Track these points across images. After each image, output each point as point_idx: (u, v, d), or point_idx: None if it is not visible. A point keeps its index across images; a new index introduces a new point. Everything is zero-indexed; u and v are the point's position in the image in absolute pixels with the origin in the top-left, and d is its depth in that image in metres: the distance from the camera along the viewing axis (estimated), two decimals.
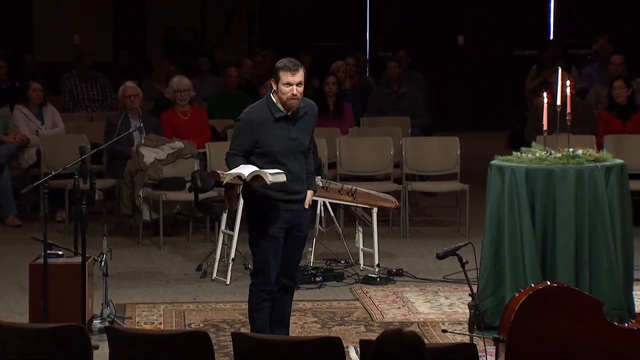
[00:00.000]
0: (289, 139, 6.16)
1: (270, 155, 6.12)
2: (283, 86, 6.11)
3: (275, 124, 6.14)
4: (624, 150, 9.19)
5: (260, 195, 6.12)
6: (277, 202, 6.14)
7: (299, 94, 6.12)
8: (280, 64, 6.15)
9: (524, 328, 5.34)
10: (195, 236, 9.58)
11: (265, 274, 6.17)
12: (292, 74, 6.10)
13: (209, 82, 12.63)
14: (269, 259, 6.16)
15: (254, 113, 6.18)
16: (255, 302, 6.24)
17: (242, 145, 6.15)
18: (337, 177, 9.75)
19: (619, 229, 6.66)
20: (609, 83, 10.83)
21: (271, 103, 6.17)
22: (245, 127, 6.15)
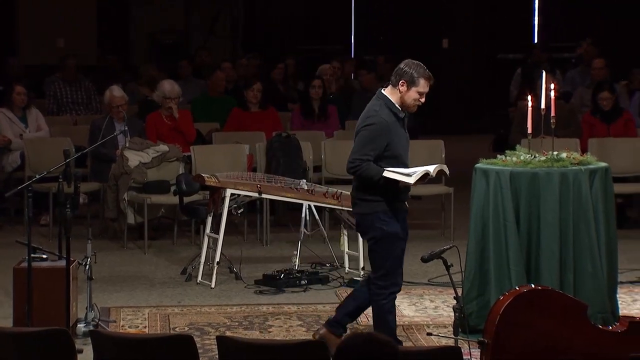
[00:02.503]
0: (406, 139, 6.26)
1: (398, 157, 6.15)
2: (416, 93, 6.16)
3: (398, 125, 6.19)
4: (608, 153, 9.23)
5: (393, 198, 6.13)
6: (401, 204, 6.20)
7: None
8: (420, 72, 6.15)
9: (508, 331, 5.35)
10: (180, 239, 9.57)
11: (395, 275, 6.19)
12: (428, 83, 6.18)
13: (193, 84, 12.61)
14: (399, 259, 6.19)
15: (384, 116, 6.14)
16: (388, 306, 6.24)
17: (375, 150, 6.11)
18: (322, 180, 9.75)
19: (603, 232, 6.68)
20: (592, 86, 10.87)
21: (391, 104, 6.18)
22: (380, 132, 6.10)
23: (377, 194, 6.13)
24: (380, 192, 6.12)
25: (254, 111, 10.54)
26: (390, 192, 6.11)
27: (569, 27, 15.77)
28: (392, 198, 6.14)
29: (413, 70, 6.16)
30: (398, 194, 6.15)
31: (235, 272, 8.27)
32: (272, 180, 8.34)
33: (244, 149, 9.73)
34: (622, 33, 15.43)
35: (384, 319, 6.26)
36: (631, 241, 9.23)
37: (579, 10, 15.93)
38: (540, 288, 5.77)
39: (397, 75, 6.19)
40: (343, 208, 8.32)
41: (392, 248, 6.17)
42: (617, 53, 13.88)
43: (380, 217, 6.15)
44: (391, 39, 15.57)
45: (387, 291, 6.22)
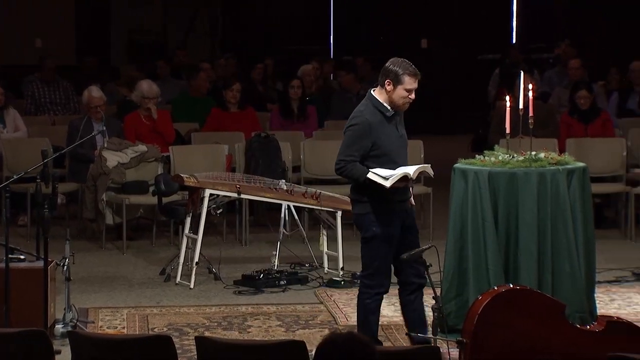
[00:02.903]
0: (398, 137, 6.19)
1: (386, 156, 6.10)
2: (404, 91, 6.13)
3: (386, 124, 6.14)
4: (586, 153, 9.26)
5: (383, 199, 6.09)
6: (397, 204, 6.15)
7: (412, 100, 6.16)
8: (404, 69, 6.13)
9: (487, 331, 5.37)
10: (159, 240, 9.55)
11: (381, 276, 6.16)
12: (414, 79, 6.15)
13: (172, 84, 12.59)
14: (386, 261, 6.15)
15: (368, 116, 6.13)
16: (372, 306, 6.22)
17: (359, 150, 6.09)
18: (301, 180, 9.75)
19: (580, 231, 6.70)
20: (569, 87, 10.91)
21: (378, 103, 6.16)
22: (363, 132, 6.09)
23: (369, 194, 6.12)
24: (372, 193, 6.10)
25: (232, 111, 10.53)
26: (381, 193, 6.08)
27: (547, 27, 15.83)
28: (384, 199, 6.10)
29: (398, 68, 6.15)
30: (391, 194, 6.09)
31: (214, 273, 8.26)
32: (251, 180, 8.34)
33: (223, 149, 9.72)
34: (599, 34, 15.50)
35: (366, 319, 6.26)
36: (608, 241, 9.28)
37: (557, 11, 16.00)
38: (519, 288, 5.79)
39: (383, 74, 6.19)
40: (322, 208, 8.33)
41: (380, 249, 6.14)
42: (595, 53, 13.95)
43: (371, 218, 6.14)
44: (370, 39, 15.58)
45: (372, 291, 6.21)
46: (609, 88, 11.98)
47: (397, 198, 6.15)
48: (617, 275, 8.20)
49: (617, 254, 8.91)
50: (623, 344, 5.26)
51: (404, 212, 6.23)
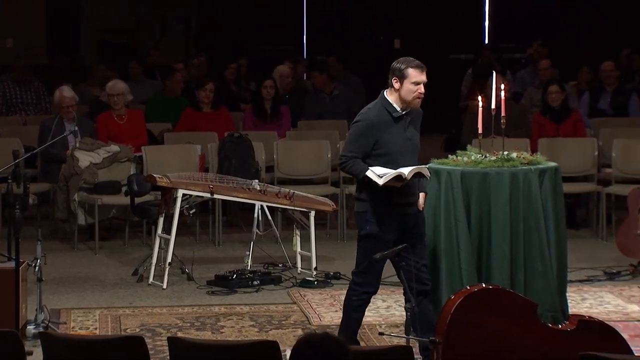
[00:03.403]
0: (406, 139, 6.13)
1: (389, 156, 6.05)
2: (411, 85, 6.08)
3: (393, 124, 6.09)
4: (558, 153, 9.31)
5: (381, 199, 6.06)
6: (396, 207, 6.10)
7: (423, 94, 6.10)
8: (408, 63, 6.10)
9: (459, 330, 5.38)
10: (132, 240, 9.52)
11: (372, 275, 6.10)
12: (420, 72, 6.09)
13: (146, 85, 12.54)
14: (380, 261, 6.08)
15: (373, 114, 6.10)
16: (357, 303, 6.17)
17: (361, 148, 6.07)
18: (274, 180, 9.74)
19: (552, 231, 6.74)
20: (541, 87, 10.96)
21: (387, 103, 6.12)
22: (365, 129, 6.07)
23: (368, 193, 6.10)
24: (371, 192, 6.08)
25: (206, 111, 10.51)
26: (380, 193, 6.04)
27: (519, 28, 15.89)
28: (382, 199, 6.07)
29: (401, 64, 6.13)
30: (391, 195, 6.05)
31: (187, 273, 8.24)
32: (224, 180, 8.33)
33: (195, 149, 9.70)
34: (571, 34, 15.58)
35: (349, 316, 6.24)
36: (580, 240, 9.34)
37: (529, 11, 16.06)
38: (491, 287, 5.81)
39: (390, 75, 6.17)
40: (295, 208, 8.33)
41: (372, 248, 6.08)
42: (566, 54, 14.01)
43: (367, 217, 6.12)
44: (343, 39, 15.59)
45: (360, 289, 6.17)
46: (580, 88, 12.05)
47: (396, 200, 6.09)
48: (588, 275, 8.25)
49: (588, 253, 8.96)
50: (594, 343, 5.28)
51: (405, 215, 6.14)
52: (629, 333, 6.68)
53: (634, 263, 8.32)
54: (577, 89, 12.05)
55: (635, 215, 8.23)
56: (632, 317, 7.19)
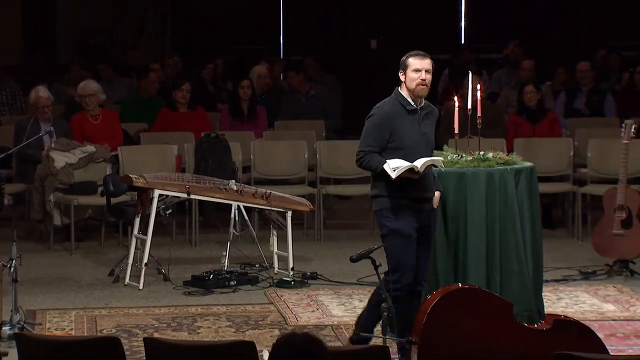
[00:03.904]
0: (420, 133, 6.13)
1: (403, 150, 6.04)
2: (412, 73, 6.13)
3: (407, 117, 6.10)
4: (533, 153, 9.34)
5: (396, 195, 6.04)
6: (412, 202, 6.08)
7: (427, 81, 6.12)
8: (408, 54, 6.19)
9: (435, 329, 5.39)
10: (108, 241, 9.48)
11: (402, 272, 6.04)
12: (420, 60, 6.14)
13: (121, 84, 12.50)
14: (405, 257, 6.06)
15: (386, 108, 6.12)
16: (396, 294, 6.03)
17: (377, 141, 6.06)
18: (251, 180, 9.73)
19: (528, 230, 6.77)
20: (518, 87, 11.00)
21: (401, 97, 6.15)
22: (380, 122, 6.08)
23: (385, 189, 6.09)
24: (387, 188, 6.07)
25: (182, 111, 10.49)
26: (396, 188, 6.03)
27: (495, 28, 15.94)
28: (397, 194, 6.05)
29: (404, 57, 6.22)
30: (404, 190, 6.03)
31: (163, 274, 8.22)
32: (201, 180, 8.31)
33: (172, 150, 9.68)
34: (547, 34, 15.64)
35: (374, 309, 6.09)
36: (556, 240, 9.37)
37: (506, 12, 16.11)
38: (467, 287, 5.82)
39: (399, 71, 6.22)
40: (272, 208, 8.32)
41: (396, 245, 6.07)
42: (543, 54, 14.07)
43: (384, 214, 6.11)
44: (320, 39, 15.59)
45: (397, 285, 6.08)
46: (556, 88, 12.10)
47: (413, 195, 6.07)
48: (564, 274, 8.29)
49: (564, 253, 9.00)
50: (570, 343, 5.31)
51: (421, 211, 6.13)
52: (604, 332, 6.71)
53: (609, 263, 8.36)
54: (553, 89, 12.09)
55: (610, 215, 8.27)
56: (608, 317, 7.23)
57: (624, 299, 7.63)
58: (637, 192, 8.40)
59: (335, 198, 10.84)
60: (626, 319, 7.17)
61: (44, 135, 9.29)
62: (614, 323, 7.08)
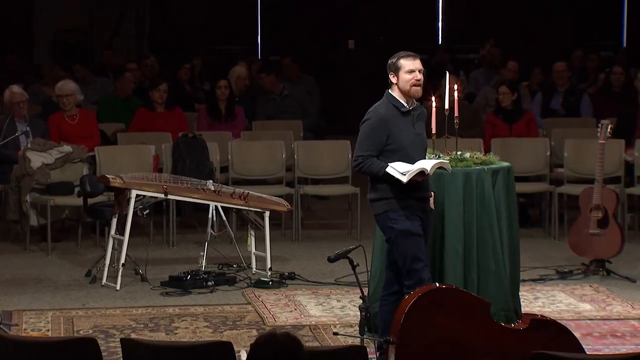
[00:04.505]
0: (415, 134, 6.13)
1: (401, 151, 6.03)
2: (406, 74, 6.10)
3: (402, 119, 6.09)
4: (510, 153, 9.37)
5: (400, 196, 6.02)
6: (414, 201, 6.07)
7: (421, 81, 6.11)
8: (398, 55, 6.15)
9: (413, 329, 5.40)
10: (85, 241, 9.45)
11: (419, 271, 6.00)
12: (412, 60, 6.13)
13: (97, 84, 12.45)
14: (417, 256, 6.03)
15: (381, 110, 6.11)
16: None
17: (375, 145, 6.05)
18: (229, 181, 9.72)
19: (505, 230, 6.79)
20: (497, 86, 11.03)
21: (393, 99, 6.14)
22: (376, 125, 6.06)
23: (385, 192, 6.07)
24: (388, 191, 6.05)
25: (159, 111, 10.46)
26: (398, 190, 6.02)
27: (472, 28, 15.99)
28: (401, 195, 6.04)
29: (393, 59, 6.20)
30: (408, 191, 6.02)
31: (140, 274, 8.20)
32: (179, 181, 8.29)
33: (149, 150, 9.65)
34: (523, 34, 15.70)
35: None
36: (533, 240, 9.41)
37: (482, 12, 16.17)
38: (445, 287, 5.84)
39: (388, 73, 6.21)
40: (250, 209, 8.31)
41: (407, 245, 6.05)
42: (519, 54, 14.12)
43: (390, 217, 6.08)
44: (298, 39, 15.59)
45: (423, 283, 6.00)
46: (533, 88, 12.15)
47: (415, 195, 6.07)
48: (541, 274, 8.32)
49: (541, 252, 9.03)
50: (547, 342, 5.33)
51: (423, 211, 6.13)
52: (581, 332, 6.74)
53: (585, 262, 8.40)
54: (529, 90, 12.14)
55: (586, 214, 8.31)
56: (584, 316, 7.26)
57: (600, 299, 7.67)
58: (613, 192, 8.44)
59: (313, 198, 10.84)
60: (602, 318, 7.21)
61: (20, 136, 9.25)
62: (590, 322, 7.12)
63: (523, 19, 15.90)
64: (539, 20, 15.84)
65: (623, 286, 8.00)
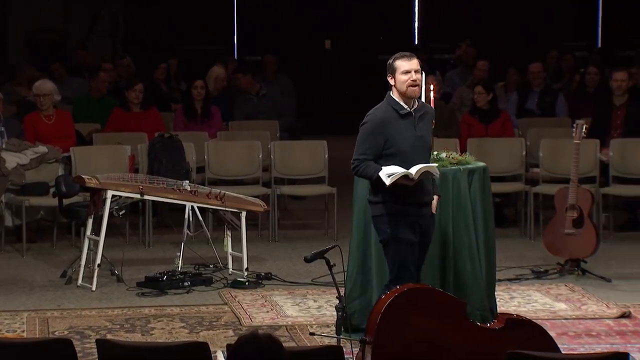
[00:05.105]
0: (416, 137, 6.08)
1: (400, 155, 6.00)
2: (401, 75, 6.06)
3: (401, 121, 6.05)
4: (486, 153, 9.40)
5: (396, 200, 6.00)
6: (412, 207, 6.05)
7: (418, 81, 6.06)
8: (394, 57, 6.12)
9: (389, 329, 5.41)
10: (60, 242, 9.41)
11: (404, 280, 5.97)
12: (408, 60, 6.08)
13: (74, 84, 12.40)
14: (406, 264, 6.03)
15: (379, 113, 6.08)
16: None
17: (372, 148, 6.02)
18: (205, 181, 9.70)
19: (481, 230, 6.81)
20: (472, 87, 11.06)
21: (393, 101, 6.10)
22: (373, 129, 6.03)
23: (383, 195, 6.06)
24: (385, 194, 6.05)
25: (135, 112, 10.43)
26: (395, 194, 6.01)
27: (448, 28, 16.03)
28: (397, 200, 6.03)
29: (390, 60, 6.18)
30: (404, 196, 6.00)
31: (116, 275, 8.17)
32: (155, 181, 8.27)
33: (125, 150, 9.62)
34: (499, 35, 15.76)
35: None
36: (508, 239, 9.44)
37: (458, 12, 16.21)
38: (421, 287, 5.85)
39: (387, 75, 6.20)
40: (226, 209, 8.30)
41: (396, 252, 6.07)
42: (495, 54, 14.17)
43: (384, 220, 6.08)
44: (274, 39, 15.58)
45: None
46: (508, 89, 12.19)
47: (411, 200, 6.04)
48: (516, 274, 8.34)
49: (516, 252, 9.07)
50: (522, 341, 5.35)
51: (420, 217, 6.10)
52: (556, 331, 6.77)
53: (561, 262, 8.43)
54: (505, 90, 12.18)
55: (562, 214, 8.34)
56: (559, 315, 7.29)
57: (575, 298, 7.70)
58: (588, 192, 8.48)
59: (290, 198, 10.84)
60: (578, 317, 7.24)
61: None
62: (565, 322, 7.15)
63: (499, 19, 15.95)
64: (515, 21, 15.90)
65: (598, 286, 8.04)
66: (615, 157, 9.68)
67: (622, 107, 10.04)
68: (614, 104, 10.08)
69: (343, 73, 16.26)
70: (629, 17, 15.78)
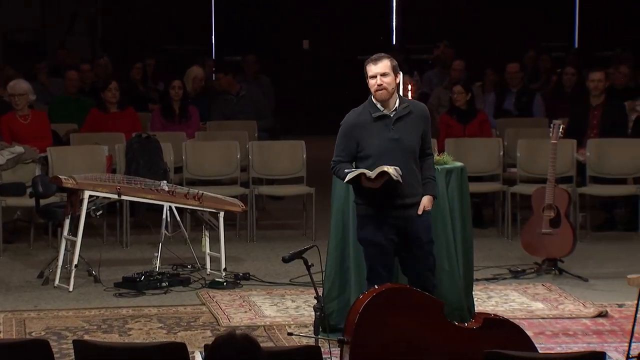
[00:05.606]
0: (389, 140, 6.05)
1: (371, 158, 6.02)
2: (370, 79, 6.09)
3: (374, 124, 6.06)
4: (464, 153, 9.41)
5: (371, 202, 6.01)
6: (387, 209, 6.03)
7: (385, 84, 6.06)
8: (366, 62, 6.13)
9: (367, 329, 5.42)
10: (37, 243, 9.37)
11: (377, 281, 5.94)
12: (373, 65, 6.08)
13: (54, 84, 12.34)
14: (381, 266, 6.03)
15: (353, 116, 6.13)
16: None
17: (346, 150, 6.08)
18: (183, 181, 9.68)
19: (459, 230, 6.83)
20: (449, 87, 11.08)
21: (370, 104, 6.13)
22: (345, 132, 6.09)
23: (360, 197, 6.13)
24: (361, 196, 6.10)
25: (112, 112, 10.39)
26: (368, 196, 6.03)
27: (426, 29, 16.06)
28: (370, 201, 6.05)
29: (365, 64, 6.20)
30: (378, 197, 6.00)
31: (94, 275, 8.15)
32: (132, 181, 8.25)
33: (102, 150, 9.58)
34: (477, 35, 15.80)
35: None
36: (486, 239, 9.47)
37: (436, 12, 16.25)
38: (399, 286, 5.86)
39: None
40: (204, 209, 8.29)
41: (367, 253, 6.12)
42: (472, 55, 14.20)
43: (360, 221, 6.15)
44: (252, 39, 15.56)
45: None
46: (486, 89, 12.22)
47: (387, 202, 6.04)
48: (494, 273, 8.37)
49: (494, 252, 9.09)
50: (500, 341, 5.36)
51: (401, 218, 6.09)
52: (534, 330, 6.80)
53: (538, 261, 8.46)
54: (483, 90, 12.22)
55: (539, 214, 8.37)
56: (537, 315, 7.32)
57: (552, 298, 7.73)
58: (565, 192, 8.52)
59: (268, 198, 10.83)
60: (555, 317, 7.27)
61: None
62: (542, 321, 7.17)
63: (477, 19, 16.00)
64: (492, 21, 15.95)
65: (575, 285, 8.07)
66: (592, 157, 9.72)
67: (599, 108, 10.08)
68: (590, 104, 10.12)
69: (321, 73, 16.27)
70: (606, 17, 15.87)
